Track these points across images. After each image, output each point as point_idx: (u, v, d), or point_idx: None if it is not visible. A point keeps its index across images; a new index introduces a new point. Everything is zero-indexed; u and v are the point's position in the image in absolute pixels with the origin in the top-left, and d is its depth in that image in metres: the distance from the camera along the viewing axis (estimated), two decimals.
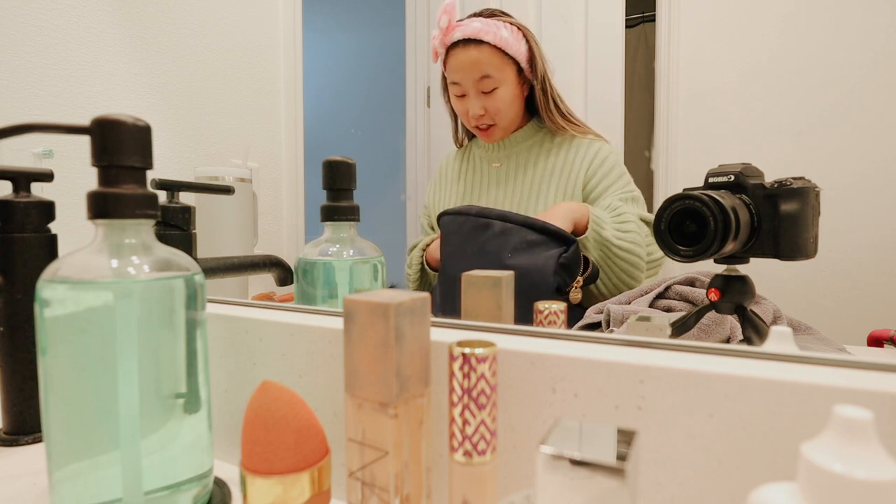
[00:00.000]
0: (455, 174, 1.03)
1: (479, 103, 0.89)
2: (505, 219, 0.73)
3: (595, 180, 0.88)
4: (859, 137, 1.09)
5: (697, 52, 1.25)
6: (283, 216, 1.34)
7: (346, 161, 0.49)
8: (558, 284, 0.70)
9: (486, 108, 0.89)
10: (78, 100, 0.94)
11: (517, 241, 0.72)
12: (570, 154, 0.91)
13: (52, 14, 0.90)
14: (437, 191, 1.06)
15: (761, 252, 0.49)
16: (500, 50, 0.85)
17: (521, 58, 0.87)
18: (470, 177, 1.00)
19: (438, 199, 1.04)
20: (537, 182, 0.91)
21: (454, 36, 0.86)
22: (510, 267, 0.65)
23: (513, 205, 0.92)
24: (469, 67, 0.86)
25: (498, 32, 0.85)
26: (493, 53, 0.85)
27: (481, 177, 0.98)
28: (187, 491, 0.33)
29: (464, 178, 1.01)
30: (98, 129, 0.31)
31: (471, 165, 1.01)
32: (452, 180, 1.03)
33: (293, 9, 1.35)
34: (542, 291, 0.69)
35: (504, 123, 0.91)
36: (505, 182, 0.95)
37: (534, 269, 0.69)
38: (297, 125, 1.37)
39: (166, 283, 0.32)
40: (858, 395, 0.24)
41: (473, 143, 1.02)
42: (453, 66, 0.88)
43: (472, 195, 0.98)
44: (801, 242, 0.48)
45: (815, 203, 0.49)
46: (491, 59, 0.85)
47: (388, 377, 0.27)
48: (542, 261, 0.70)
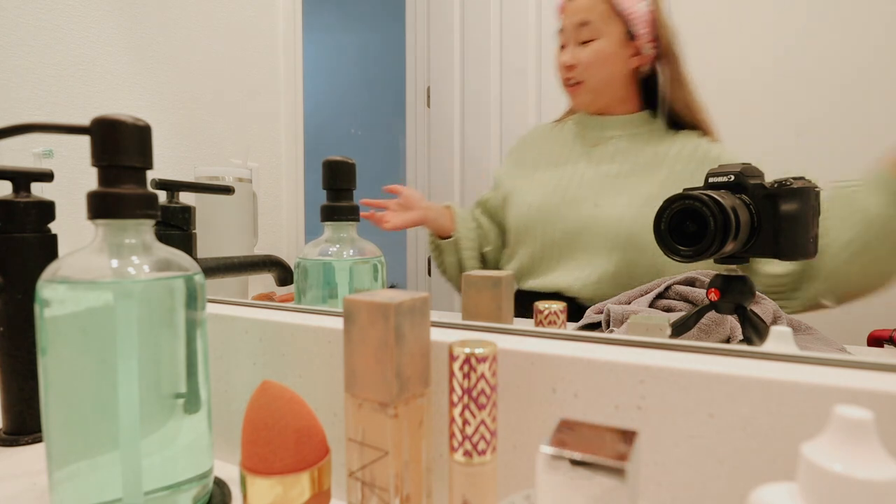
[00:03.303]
0: (544, 145, 0.91)
1: (572, 53, 0.81)
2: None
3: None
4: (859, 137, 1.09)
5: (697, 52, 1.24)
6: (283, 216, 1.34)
7: (346, 161, 0.49)
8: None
9: (577, 59, 0.81)
10: (78, 100, 0.94)
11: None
12: (687, 150, 0.77)
13: (52, 14, 0.90)
14: (518, 160, 0.93)
15: (761, 252, 0.49)
16: (609, 2, 0.79)
17: (632, 18, 0.78)
18: (559, 150, 0.88)
19: (516, 170, 0.92)
20: (629, 174, 0.79)
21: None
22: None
23: (594, 193, 0.80)
24: (573, 12, 0.81)
25: None
26: (601, 3, 0.79)
27: (571, 153, 0.86)
28: (187, 491, 0.33)
29: (553, 151, 0.89)
30: (98, 129, 0.31)
31: (563, 138, 0.89)
32: (538, 152, 0.91)
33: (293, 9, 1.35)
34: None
35: (594, 84, 0.81)
36: (590, 164, 0.83)
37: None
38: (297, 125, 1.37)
39: (166, 283, 0.32)
40: (858, 395, 0.24)
41: (574, 117, 0.90)
42: (563, 13, 0.83)
43: (557, 173, 0.86)
44: (801, 242, 0.48)
45: (815, 203, 0.49)
46: (596, 6, 0.79)
47: (388, 377, 0.27)
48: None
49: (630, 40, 0.79)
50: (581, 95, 0.83)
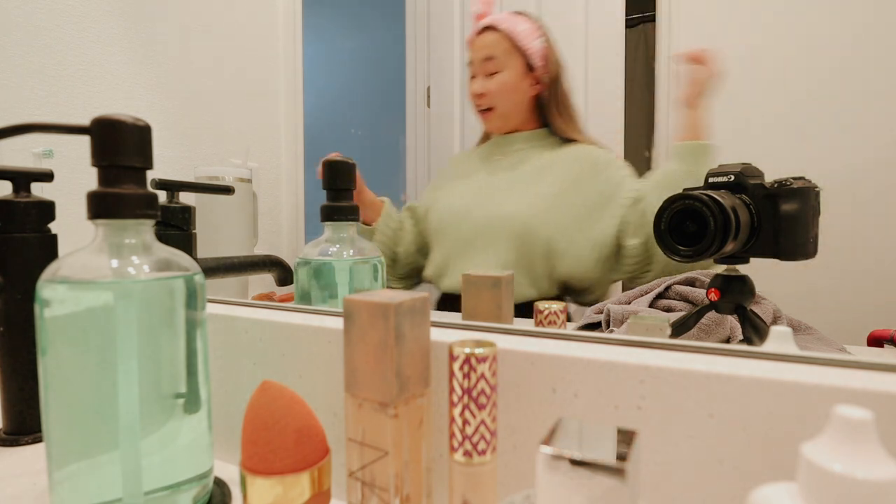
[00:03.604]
0: (461, 164, 1.06)
1: (481, 83, 0.93)
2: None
3: (609, 184, 0.88)
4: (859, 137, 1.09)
5: None
6: (283, 216, 1.34)
7: (346, 161, 0.49)
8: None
9: (486, 88, 0.93)
10: (78, 100, 0.94)
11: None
12: (571, 155, 0.92)
13: (52, 14, 0.90)
14: (441, 181, 1.08)
15: (761, 252, 0.49)
16: (510, 39, 0.91)
17: (531, 53, 0.91)
18: (473, 166, 1.02)
19: (438, 187, 1.06)
20: (528, 174, 0.92)
21: (481, 24, 0.95)
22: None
23: (498, 191, 0.93)
24: (480, 48, 0.93)
25: (514, 26, 0.92)
26: (503, 40, 0.91)
27: (483, 166, 1.00)
28: (187, 491, 0.33)
29: (468, 167, 1.03)
30: (98, 129, 0.31)
31: (478, 156, 1.04)
32: (456, 170, 1.06)
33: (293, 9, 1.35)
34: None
35: (503, 110, 0.94)
36: (497, 171, 0.97)
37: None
38: (297, 125, 1.37)
39: (166, 283, 0.32)
40: (858, 395, 0.24)
41: (489, 140, 1.04)
42: (471, 48, 0.95)
43: (469, 181, 0.99)
44: (801, 242, 0.48)
45: (815, 203, 0.49)
46: (499, 43, 0.92)
47: (388, 377, 0.27)
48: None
49: (529, 71, 0.93)
50: (492, 120, 0.96)
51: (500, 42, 0.92)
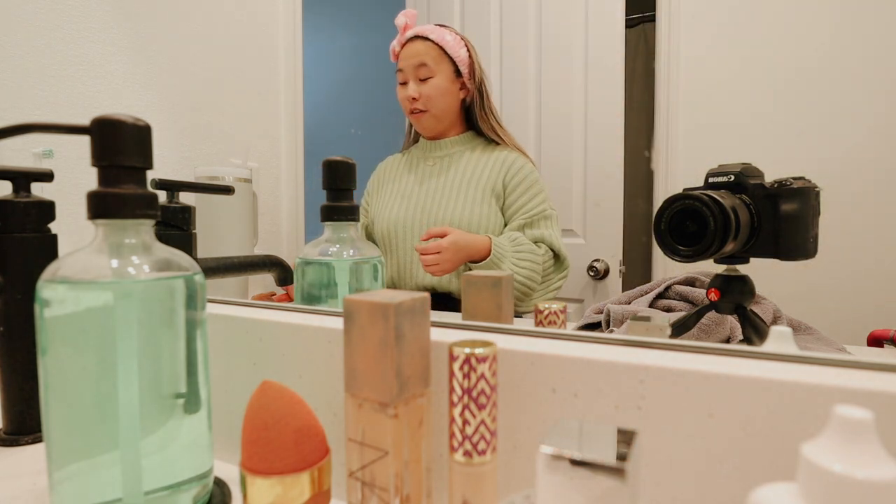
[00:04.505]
0: (393, 171, 1.12)
1: (415, 88, 1.01)
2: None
3: (513, 195, 0.98)
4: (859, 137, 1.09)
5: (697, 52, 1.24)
6: (283, 216, 1.34)
7: (346, 161, 0.49)
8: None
9: (420, 92, 1.01)
10: (78, 100, 0.94)
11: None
12: (491, 161, 1.01)
13: (52, 14, 0.90)
14: (376, 187, 1.14)
15: (761, 252, 0.49)
16: (439, 47, 1.00)
17: (459, 60, 1.01)
18: (405, 173, 1.09)
19: (375, 196, 1.12)
20: (458, 182, 1.01)
21: (407, 35, 1.03)
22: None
23: (434, 201, 1.01)
24: (411, 56, 1.01)
25: (442, 36, 1.01)
26: (433, 48, 1.00)
27: (415, 173, 1.08)
28: (187, 491, 0.33)
29: (401, 174, 1.10)
30: (98, 129, 0.31)
31: (408, 162, 1.11)
32: (389, 177, 1.12)
33: (293, 9, 1.35)
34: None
35: (435, 112, 1.02)
36: (429, 178, 1.04)
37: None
38: (297, 125, 1.37)
39: (166, 283, 0.32)
40: (858, 395, 0.24)
41: (416, 145, 1.12)
42: (401, 56, 1.03)
43: (405, 191, 1.06)
44: (801, 242, 0.48)
45: (815, 203, 0.49)
46: (430, 51, 1.00)
47: (388, 377, 0.27)
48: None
49: (458, 77, 1.02)
50: (425, 121, 1.04)
51: (430, 50, 1.00)
